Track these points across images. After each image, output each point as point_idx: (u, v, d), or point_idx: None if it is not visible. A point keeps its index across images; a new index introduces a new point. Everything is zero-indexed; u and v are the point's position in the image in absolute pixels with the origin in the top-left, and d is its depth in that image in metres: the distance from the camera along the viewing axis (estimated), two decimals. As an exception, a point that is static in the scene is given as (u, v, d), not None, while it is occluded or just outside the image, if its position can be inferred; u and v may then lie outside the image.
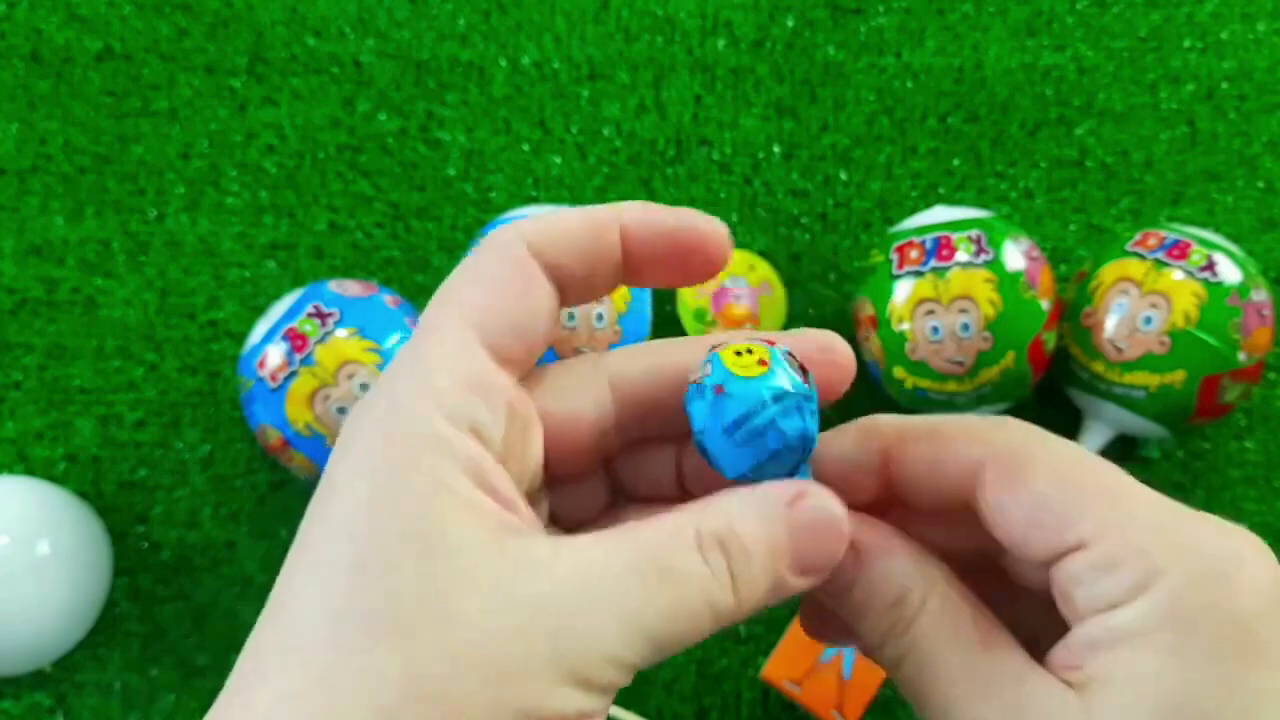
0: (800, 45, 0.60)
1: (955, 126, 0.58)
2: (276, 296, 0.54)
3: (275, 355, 0.45)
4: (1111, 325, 0.47)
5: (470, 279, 0.21)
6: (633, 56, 0.59)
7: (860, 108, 0.59)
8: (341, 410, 0.44)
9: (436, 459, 0.18)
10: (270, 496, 0.52)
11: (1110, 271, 0.48)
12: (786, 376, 0.20)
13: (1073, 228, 0.57)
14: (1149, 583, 0.18)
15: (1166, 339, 0.46)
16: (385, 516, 0.17)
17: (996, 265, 0.46)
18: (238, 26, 0.59)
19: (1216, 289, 0.46)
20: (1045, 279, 0.47)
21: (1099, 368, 0.48)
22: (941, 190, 0.57)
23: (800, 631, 0.47)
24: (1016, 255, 0.47)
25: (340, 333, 0.45)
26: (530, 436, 0.21)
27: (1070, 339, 0.49)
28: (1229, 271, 0.46)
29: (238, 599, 0.50)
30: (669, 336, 0.58)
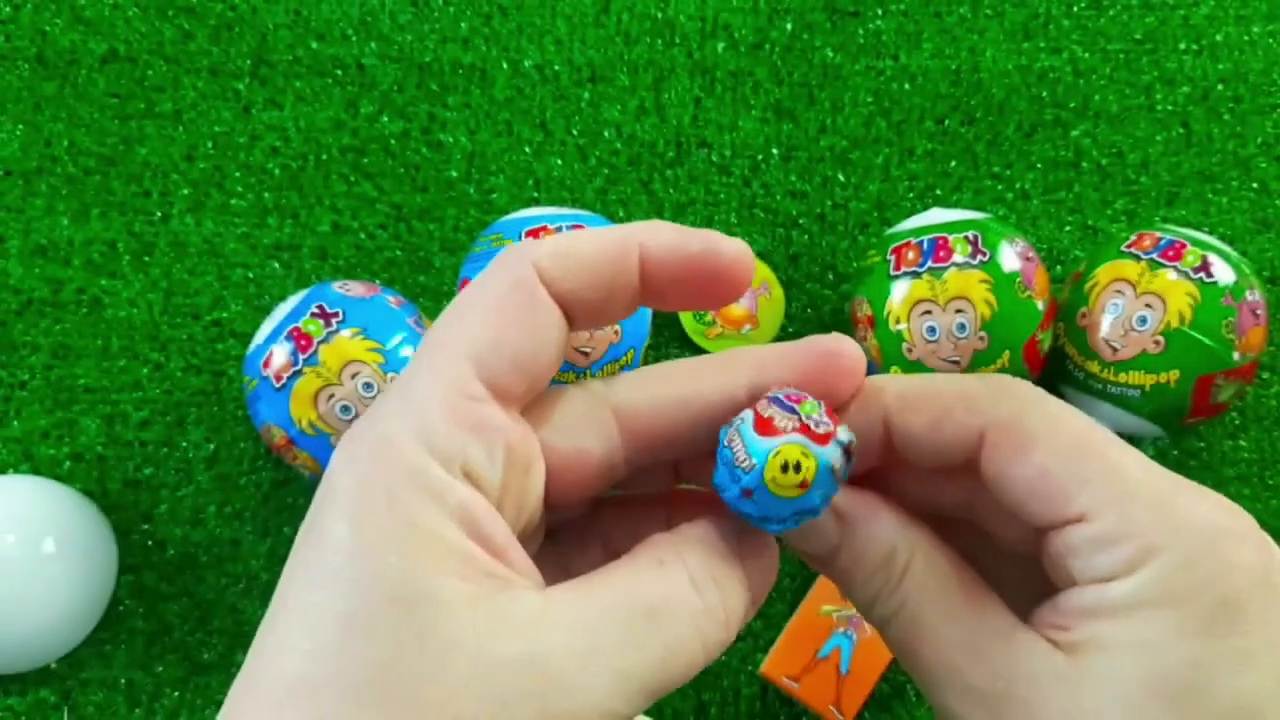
0: (799, 48, 0.60)
1: (952, 128, 0.59)
2: (281, 297, 0.55)
3: (280, 355, 0.45)
4: (1107, 325, 0.48)
5: (473, 307, 0.20)
6: (633, 59, 0.60)
7: (858, 110, 0.59)
8: (345, 409, 0.45)
9: (426, 505, 0.17)
10: (274, 494, 0.52)
11: (1105, 272, 0.49)
12: (821, 492, 0.19)
13: (1068, 229, 0.57)
14: (1145, 559, 0.18)
15: (1161, 339, 0.46)
16: (372, 571, 0.17)
17: (992, 266, 0.47)
18: (242, 29, 0.60)
19: (1211, 289, 0.46)
20: (1041, 280, 0.48)
21: (1094, 367, 0.48)
22: (938, 192, 0.58)
23: (799, 628, 0.48)
24: (1012, 256, 0.47)
25: (344, 333, 0.45)
26: (531, 475, 0.20)
27: (1066, 339, 0.50)
28: (1223, 272, 0.47)
29: (242, 596, 0.51)
30: (668, 336, 0.58)
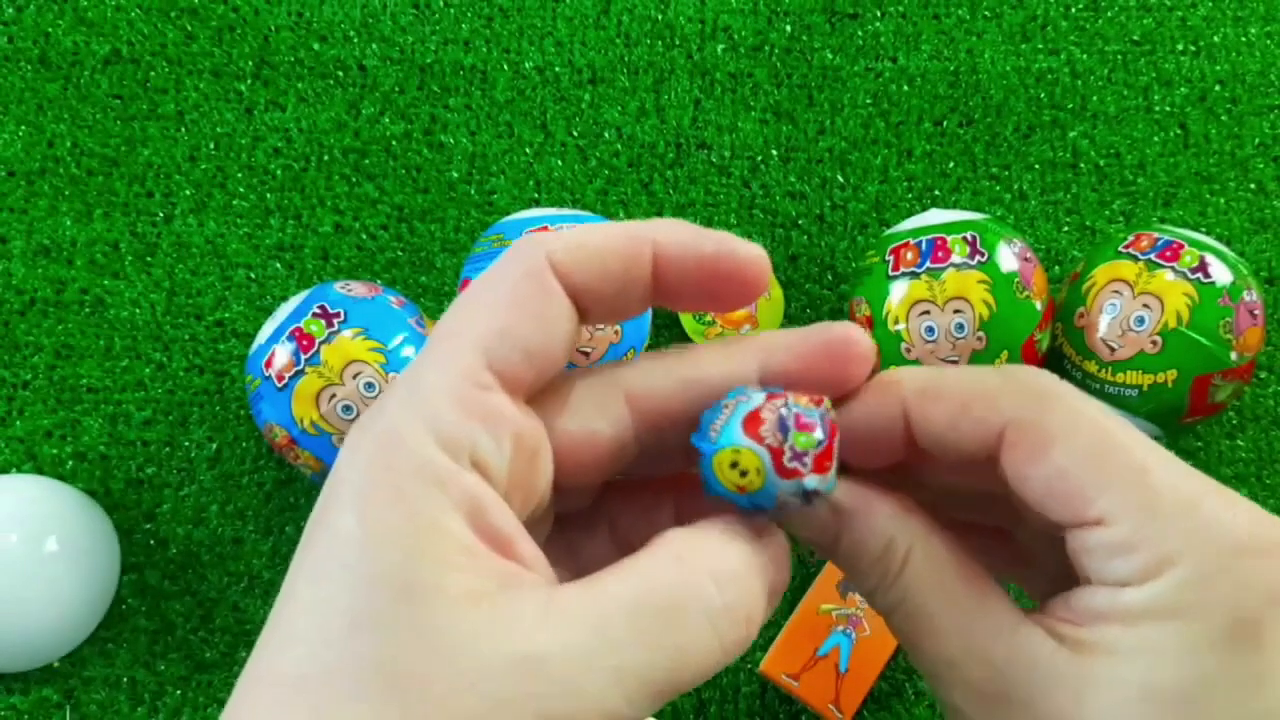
0: (798, 50, 0.61)
1: (950, 130, 0.59)
2: (283, 297, 0.55)
3: (282, 355, 0.46)
4: (1104, 325, 0.48)
5: (485, 296, 0.19)
6: (633, 61, 0.60)
7: (857, 111, 0.59)
8: (347, 409, 0.45)
9: (431, 498, 0.17)
10: (276, 493, 0.52)
11: (1103, 273, 0.49)
12: (765, 498, 0.19)
13: (1066, 229, 0.58)
14: (1160, 569, 0.18)
15: (1158, 339, 0.47)
16: (377, 566, 0.17)
17: (991, 267, 0.47)
18: (244, 31, 0.60)
19: (1208, 290, 0.47)
20: (1039, 280, 0.48)
21: (1092, 367, 0.49)
22: (937, 193, 0.58)
23: (798, 626, 0.48)
24: (1010, 257, 0.47)
25: (346, 333, 0.46)
26: (539, 463, 0.20)
27: (1064, 339, 0.50)
28: (1220, 272, 0.47)
29: (244, 594, 0.51)
30: (668, 336, 0.58)
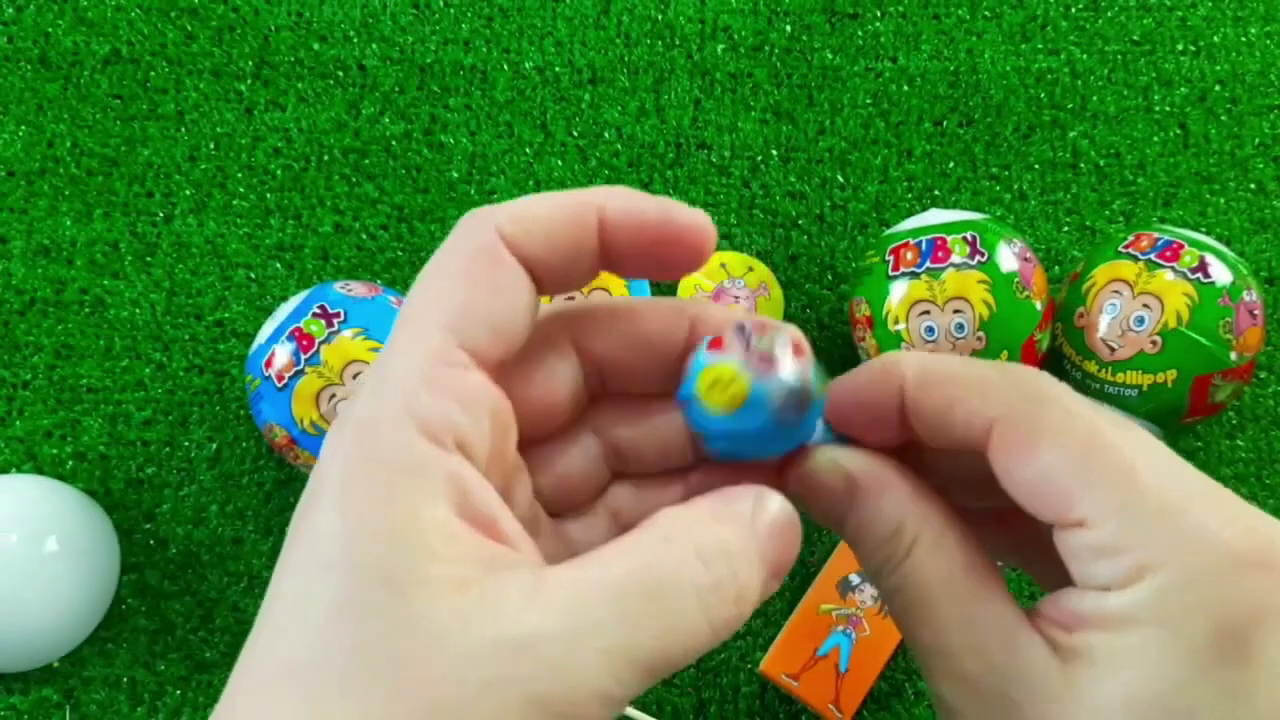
0: (798, 50, 0.61)
1: (950, 130, 0.59)
2: (283, 297, 0.55)
3: (282, 355, 0.46)
4: (1104, 325, 0.48)
5: (441, 276, 0.20)
6: (633, 61, 0.60)
7: (857, 111, 0.59)
8: (347, 409, 0.45)
9: (412, 486, 0.17)
10: (276, 493, 0.52)
11: (1103, 273, 0.49)
12: (763, 418, 0.19)
13: (1066, 229, 0.58)
14: (1142, 575, 0.17)
15: (1158, 339, 0.47)
16: (360, 558, 0.17)
17: (990, 267, 0.47)
18: (244, 31, 0.60)
19: (1208, 289, 0.47)
20: (1039, 280, 0.48)
21: (1092, 367, 0.49)
22: (937, 193, 0.58)
23: (798, 626, 0.48)
24: (1010, 257, 0.47)
25: (346, 333, 0.46)
26: (511, 435, 0.20)
27: (1063, 339, 0.50)
28: (1220, 272, 0.47)
29: (244, 594, 0.51)
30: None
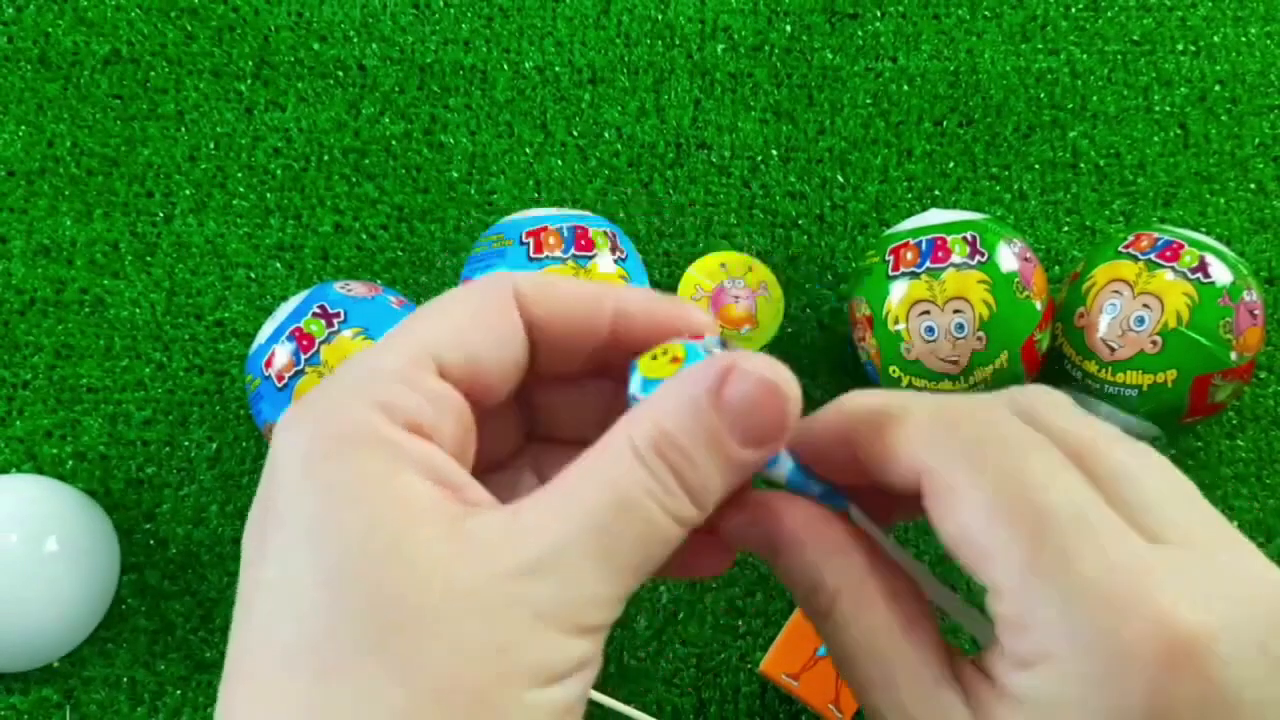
0: (798, 50, 0.61)
1: (950, 130, 0.59)
2: (283, 297, 0.55)
3: (282, 355, 0.46)
4: (1104, 325, 0.48)
5: (445, 307, 0.21)
6: (633, 61, 0.60)
7: (857, 111, 0.59)
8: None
9: (383, 455, 0.18)
10: (276, 494, 0.52)
11: (1103, 273, 0.49)
12: (704, 340, 0.20)
13: (1066, 229, 0.58)
14: (1043, 659, 0.17)
15: (1158, 339, 0.47)
16: (342, 526, 0.17)
17: (990, 267, 0.47)
18: (244, 31, 0.60)
19: (1208, 289, 0.47)
20: (1039, 280, 0.48)
21: (1092, 367, 0.49)
22: (937, 193, 0.58)
23: (798, 626, 0.48)
24: (1010, 257, 0.47)
25: (346, 333, 0.46)
26: (471, 436, 0.21)
27: (1064, 339, 0.50)
28: (1220, 272, 0.47)
29: (244, 595, 0.51)
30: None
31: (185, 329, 0.55)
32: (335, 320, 0.46)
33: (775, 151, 0.59)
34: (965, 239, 0.47)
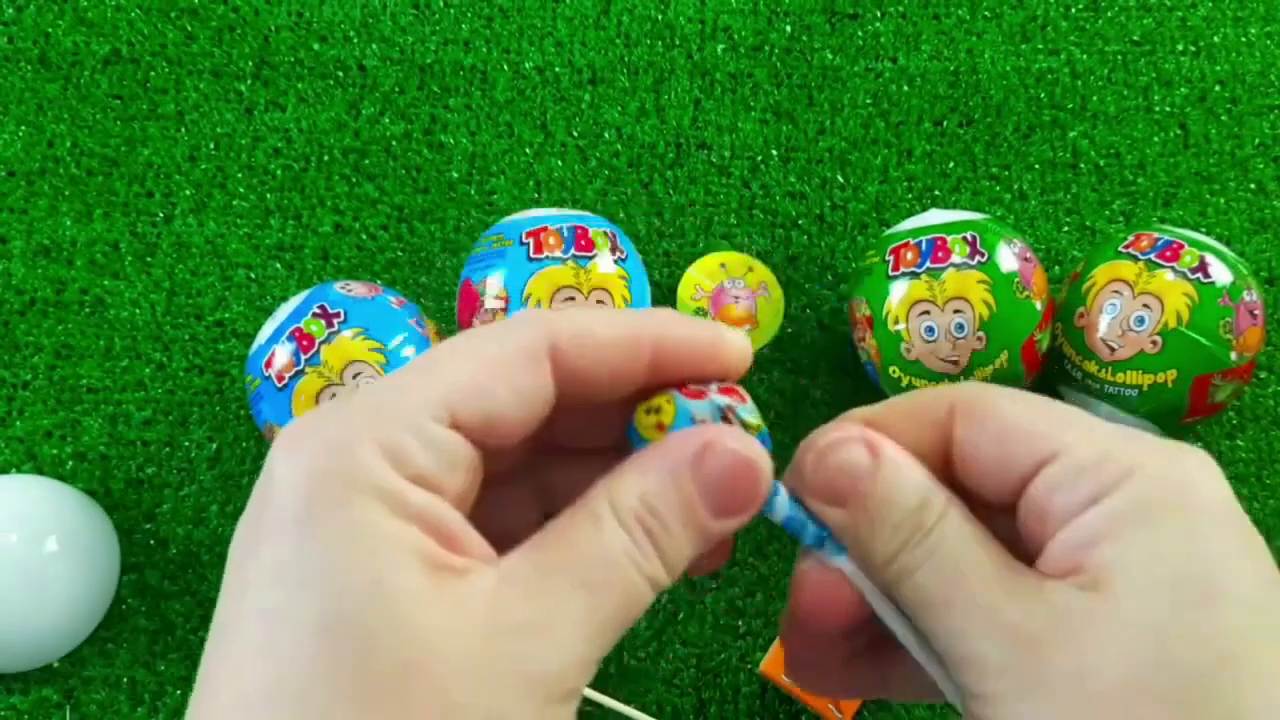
0: (798, 50, 0.61)
1: (950, 130, 0.59)
2: (283, 297, 0.55)
3: (282, 355, 0.46)
4: (1104, 325, 0.48)
5: (475, 351, 0.20)
6: (633, 61, 0.60)
7: (857, 111, 0.60)
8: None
9: (379, 505, 0.18)
10: (276, 494, 0.52)
11: (1103, 273, 0.49)
12: (694, 405, 0.21)
13: (1066, 229, 0.58)
14: (1127, 476, 0.19)
15: (1158, 339, 0.47)
16: (336, 572, 0.17)
17: (990, 267, 0.47)
18: (244, 31, 0.60)
19: (1208, 290, 0.47)
20: (1039, 280, 0.48)
21: (1092, 367, 0.49)
22: (937, 193, 0.58)
23: (798, 627, 0.48)
24: (1010, 257, 0.47)
25: (346, 333, 0.46)
26: (477, 479, 0.20)
27: (1063, 339, 0.50)
28: (1220, 272, 0.47)
29: (244, 595, 0.51)
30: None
31: (185, 329, 0.55)
32: (335, 320, 0.46)
33: (775, 151, 0.59)
34: (965, 239, 0.47)
